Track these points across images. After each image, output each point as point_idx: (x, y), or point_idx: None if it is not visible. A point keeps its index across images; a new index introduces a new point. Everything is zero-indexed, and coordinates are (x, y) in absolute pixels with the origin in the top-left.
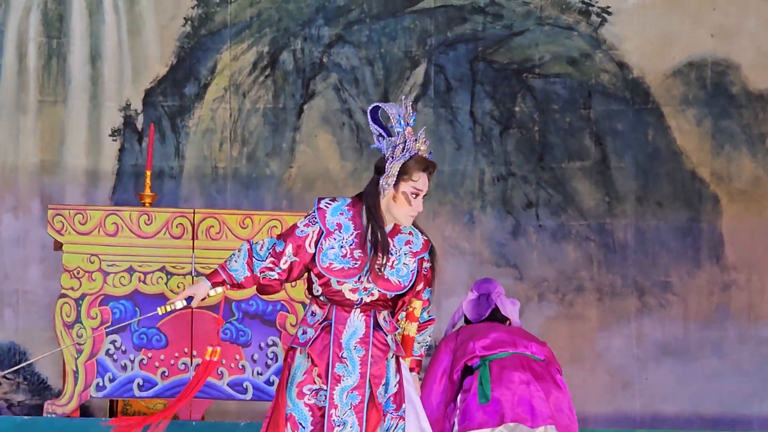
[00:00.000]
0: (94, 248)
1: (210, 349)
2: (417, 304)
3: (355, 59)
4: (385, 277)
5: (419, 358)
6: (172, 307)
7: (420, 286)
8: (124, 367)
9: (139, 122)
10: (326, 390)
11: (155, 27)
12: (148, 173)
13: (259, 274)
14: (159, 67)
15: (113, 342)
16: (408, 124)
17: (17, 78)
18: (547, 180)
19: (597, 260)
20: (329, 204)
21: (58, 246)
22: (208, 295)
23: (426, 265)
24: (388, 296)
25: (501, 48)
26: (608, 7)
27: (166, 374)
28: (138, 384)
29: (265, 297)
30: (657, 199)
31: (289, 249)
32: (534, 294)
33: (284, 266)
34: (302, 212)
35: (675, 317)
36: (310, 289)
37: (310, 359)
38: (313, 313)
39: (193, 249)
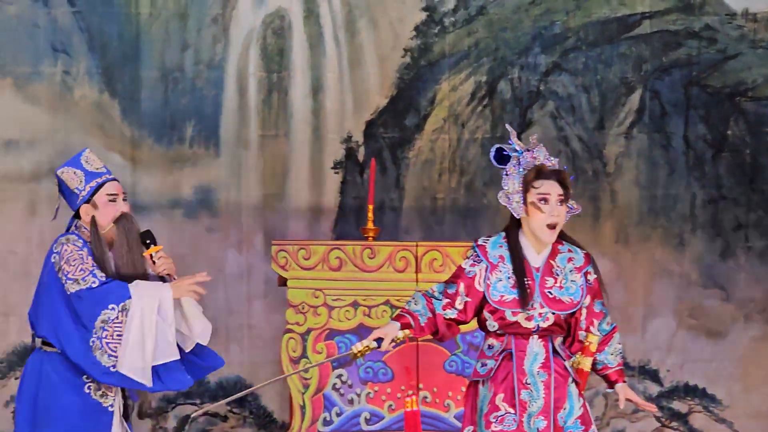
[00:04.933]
0: (318, 283)
1: (408, 400)
2: (593, 339)
3: (572, 87)
4: (557, 298)
5: (619, 368)
6: (367, 346)
7: (587, 301)
8: (351, 402)
9: (361, 154)
10: (513, 413)
11: (375, 58)
12: (371, 207)
13: (442, 312)
14: (379, 99)
15: (339, 376)
16: (526, 150)
17: (238, 113)
18: (757, 202)
19: None
20: (486, 240)
21: (282, 282)
22: (397, 336)
23: (590, 277)
24: (562, 317)
25: (715, 72)
26: None
27: (393, 407)
28: (365, 418)
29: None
30: None
31: (462, 288)
32: (740, 315)
33: (460, 306)
34: None
35: None
36: (483, 326)
37: (492, 388)
38: (491, 346)
39: (416, 282)
